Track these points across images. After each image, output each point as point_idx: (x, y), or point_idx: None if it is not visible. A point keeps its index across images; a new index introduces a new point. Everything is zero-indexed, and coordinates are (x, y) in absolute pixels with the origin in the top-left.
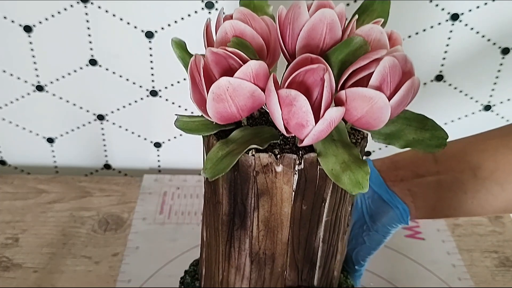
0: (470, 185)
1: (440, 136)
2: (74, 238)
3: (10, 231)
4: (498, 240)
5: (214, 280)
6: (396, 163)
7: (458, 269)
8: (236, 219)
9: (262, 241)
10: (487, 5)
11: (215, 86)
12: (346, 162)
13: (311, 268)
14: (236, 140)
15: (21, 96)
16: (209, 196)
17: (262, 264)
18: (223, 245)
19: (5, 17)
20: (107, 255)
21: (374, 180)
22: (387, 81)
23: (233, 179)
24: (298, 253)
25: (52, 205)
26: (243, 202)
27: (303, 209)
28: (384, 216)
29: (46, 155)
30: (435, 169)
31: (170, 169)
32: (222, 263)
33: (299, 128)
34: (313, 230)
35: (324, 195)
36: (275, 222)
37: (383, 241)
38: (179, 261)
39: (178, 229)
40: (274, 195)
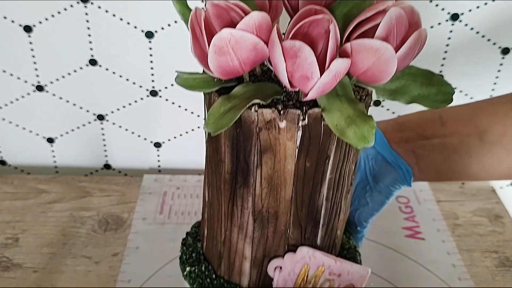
0: (476, 149)
1: (446, 92)
2: (74, 238)
3: (10, 231)
4: (498, 240)
5: (216, 240)
6: (401, 125)
7: (458, 269)
8: (238, 177)
9: (265, 199)
10: (487, 5)
11: (216, 38)
12: (351, 117)
13: (315, 226)
14: (238, 95)
15: (21, 96)
16: (211, 155)
17: (265, 222)
18: (226, 204)
19: (5, 17)
20: (107, 255)
21: (378, 141)
22: (394, 33)
23: (236, 136)
24: (302, 211)
25: (52, 205)
26: (245, 159)
27: (306, 166)
28: (387, 177)
29: (46, 155)
30: (441, 131)
31: (170, 169)
32: (225, 222)
33: (304, 80)
34: (317, 188)
35: (328, 152)
36: (278, 179)
37: (386, 202)
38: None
39: (178, 229)
40: (278, 152)
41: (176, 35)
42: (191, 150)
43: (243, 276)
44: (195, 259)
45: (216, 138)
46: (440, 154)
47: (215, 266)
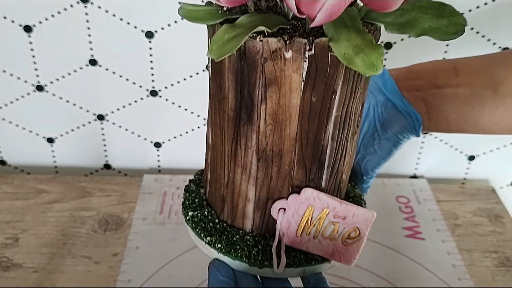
0: (489, 100)
1: (458, 23)
2: (74, 238)
3: (10, 231)
4: (498, 240)
5: (219, 183)
6: (414, 73)
7: (458, 269)
8: (242, 113)
9: (269, 137)
10: (487, 5)
11: None
12: (359, 46)
13: (319, 167)
14: (243, 24)
15: (21, 96)
16: (215, 93)
17: (269, 161)
18: (229, 144)
19: (5, 17)
20: (107, 255)
21: (389, 88)
22: None
23: (240, 69)
24: (306, 150)
25: (52, 205)
26: (250, 94)
27: (312, 101)
28: (396, 125)
29: (46, 155)
30: (455, 81)
31: (170, 169)
32: (228, 163)
33: (311, 3)
34: (322, 125)
35: (335, 87)
36: (283, 115)
37: (393, 151)
38: (179, 261)
39: (178, 229)
40: (283, 85)
41: (176, 35)
42: (191, 150)
43: (246, 219)
44: (197, 204)
45: (219, 73)
46: (451, 104)
47: (218, 210)
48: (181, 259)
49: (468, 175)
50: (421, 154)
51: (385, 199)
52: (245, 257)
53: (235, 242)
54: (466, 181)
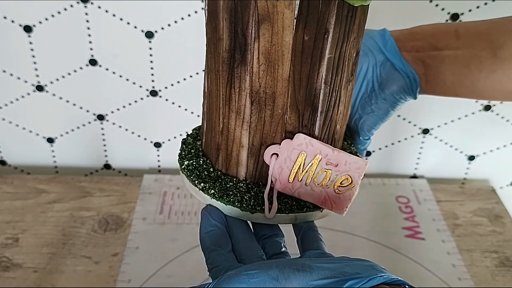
0: (488, 64)
1: None
2: (74, 238)
3: (10, 231)
4: (498, 240)
5: (214, 131)
6: (415, 34)
7: (458, 269)
8: (236, 54)
9: (262, 78)
10: (487, 5)
11: None
12: None
13: (313, 113)
14: None
15: (21, 96)
16: (210, 36)
17: (262, 104)
18: (224, 88)
19: (5, 17)
20: (107, 255)
21: (389, 48)
22: None
23: (234, 8)
24: (299, 93)
25: (52, 205)
26: (243, 32)
27: (305, 40)
28: (394, 85)
29: (46, 155)
30: (455, 44)
31: (170, 169)
32: (223, 109)
33: None
34: (315, 67)
35: (327, 25)
36: (276, 54)
37: (390, 112)
38: (179, 261)
39: (178, 229)
40: (275, 22)
41: (176, 35)
42: None
43: (240, 166)
44: (193, 154)
45: (215, 14)
46: (449, 66)
47: (213, 160)
48: (181, 259)
49: (468, 175)
50: (421, 154)
51: (385, 199)
52: (238, 202)
53: (228, 188)
54: (466, 181)
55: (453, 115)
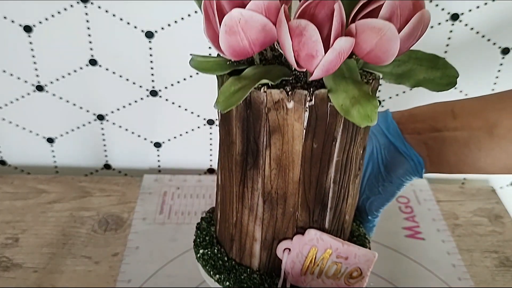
0: (486, 142)
1: (451, 75)
2: (74, 238)
3: (10, 231)
4: (498, 240)
5: (228, 222)
6: (415, 116)
7: (458, 269)
8: (249, 158)
9: (274, 180)
10: (487, 5)
11: (227, 18)
12: (356, 97)
13: (322, 209)
14: (248, 76)
15: (21, 96)
16: (224, 138)
17: (274, 204)
18: (237, 186)
19: (5, 17)
20: (107, 255)
21: (392, 131)
22: (397, 14)
23: (246, 118)
24: (310, 193)
25: (52, 205)
26: (255, 140)
27: (314, 148)
28: (399, 168)
29: (46, 155)
30: (453, 124)
31: (170, 169)
32: (236, 204)
33: (309, 59)
34: (324, 169)
35: (335, 134)
36: (287, 160)
37: (397, 192)
38: (179, 261)
39: (178, 229)
40: (286, 133)
41: (176, 35)
42: (191, 150)
43: (253, 258)
44: (208, 242)
45: (227, 120)
46: (450, 147)
47: (227, 249)
48: (181, 259)
49: (468, 175)
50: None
51: None
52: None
53: (242, 280)
54: (466, 181)
55: None
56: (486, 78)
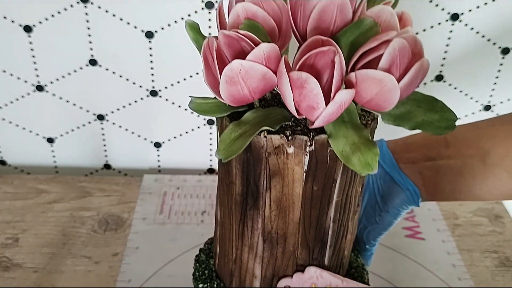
0: (479, 171)
1: (449, 118)
2: (74, 238)
3: (10, 231)
4: (498, 240)
5: (228, 258)
6: (409, 146)
7: (458, 269)
8: (249, 199)
9: (274, 221)
10: (487, 5)
11: (228, 69)
12: (356, 144)
13: (322, 247)
14: (248, 121)
15: (21, 96)
16: (223, 176)
17: (274, 243)
18: (237, 224)
19: (5, 17)
20: (107, 255)
21: (387, 161)
22: (397, 63)
23: (246, 160)
24: (309, 232)
25: (52, 205)
26: (255, 182)
27: (314, 190)
28: (396, 198)
29: (46, 155)
30: (446, 153)
31: (170, 169)
32: (236, 241)
33: (310, 110)
34: (324, 210)
35: (335, 176)
36: (287, 202)
37: (394, 222)
38: (179, 261)
39: (178, 229)
40: (286, 176)
41: (176, 35)
42: (191, 150)
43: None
44: (207, 276)
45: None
46: (445, 176)
47: (226, 283)
48: (181, 259)
49: None
50: None
51: None
52: None
53: None
54: None
55: None
56: (486, 78)
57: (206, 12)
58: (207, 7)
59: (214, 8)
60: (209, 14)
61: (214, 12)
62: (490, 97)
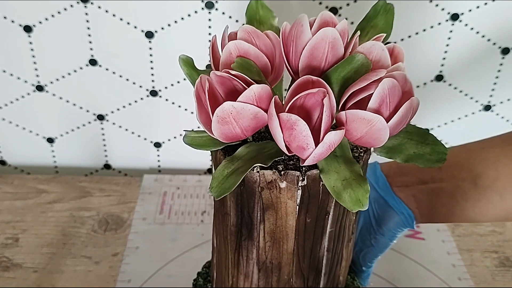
0: (471, 193)
1: (440, 151)
2: (74, 238)
3: (10, 231)
4: (498, 240)
5: (224, 284)
6: (402, 169)
7: (458, 269)
8: (243, 230)
9: (268, 251)
10: (487, 5)
11: (219, 110)
12: (348, 179)
13: (317, 275)
14: (241, 157)
15: (21, 96)
16: (218, 207)
17: (269, 272)
18: (232, 253)
19: (5, 17)
20: (107, 255)
21: (381, 185)
22: (386, 102)
23: (240, 193)
24: (304, 262)
25: (52, 205)
26: (249, 215)
27: (307, 222)
28: (390, 221)
29: (46, 155)
30: (438, 176)
31: (170, 169)
32: (232, 269)
33: (300, 150)
34: (318, 240)
35: (328, 208)
36: (281, 234)
37: (389, 244)
38: (179, 261)
39: (178, 229)
40: (279, 209)
41: (176, 35)
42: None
43: None
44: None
45: None
46: (438, 199)
47: None
48: (181, 259)
49: None
50: None
51: None
52: None
53: None
54: None
55: (453, 115)
56: (486, 78)
57: (206, 12)
58: (207, 7)
59: (214, 8)
60: (209, 14)
61: (214, 12)
62: (490, 97)
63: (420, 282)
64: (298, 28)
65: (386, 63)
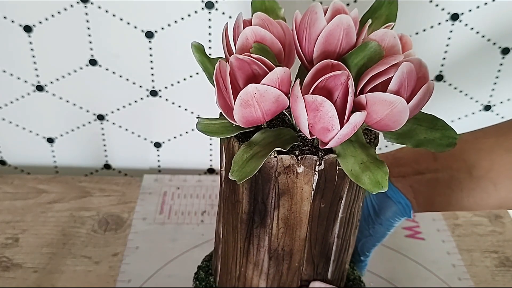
0: (466, 183)
1: (450, 136)
2: (74, 238)
3: (10, 231)
4: (498, 240)
5: (231, 275)
6: (399, 160)
7: (458, 269)
8: (256, 217)
9: (281, 238)
10: (487, 5)
11: (243, 93)
12: (365, 163)
13: (326, 262)
14: (258, 142)
15: (21, 96)
16: (228, 195)
17: (280, 260)
18: (242, 242)
19: (5, 17)
20: (107, 255)
21: None
22: (405, 86)
23: (255, 180)
24: (315, 248)
25: (52, 205)
26: (263, 201)
27: (321, 207)
28: (388, 211)
29: (46, 155)
30: (434, 166)
31: (170, 169)
32: (240, 259)
33: (324, 132)
34: (330, 226)
35: (341, 194)
36: (295, 220)
37: (387, 233)
38: (179, 261)
39: (178, 229)
40: (295, 195)
41: (176, 35)
42: (191, 150)
43: None
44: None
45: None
46: (434, 189)
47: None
48: (181, 259)
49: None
50: None
51: None
52: None
53: None
54: None
55: (453, 115)
56: (486, 78)
57: (206, 12)
58: (207, 7)
59: (214, 8)
60: (209, 14)
61: (214, 12)
62: (490, 97)
63: (420, 282)
64: (312, 15)
65: (398, 50)
